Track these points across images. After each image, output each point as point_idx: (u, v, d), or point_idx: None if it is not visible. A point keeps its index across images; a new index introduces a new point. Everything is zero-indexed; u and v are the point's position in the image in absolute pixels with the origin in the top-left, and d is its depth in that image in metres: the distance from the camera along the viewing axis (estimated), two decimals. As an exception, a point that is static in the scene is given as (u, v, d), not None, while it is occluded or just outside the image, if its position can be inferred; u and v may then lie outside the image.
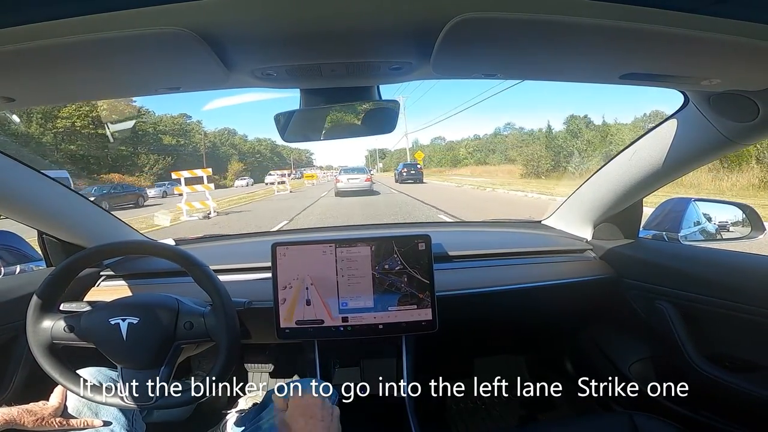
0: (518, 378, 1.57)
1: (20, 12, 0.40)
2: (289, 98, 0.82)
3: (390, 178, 28.27)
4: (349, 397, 1.08)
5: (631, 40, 0.50)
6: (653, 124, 0.97)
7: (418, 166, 22.88)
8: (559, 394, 1.05)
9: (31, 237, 1.22)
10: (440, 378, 1.14)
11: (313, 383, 0.96)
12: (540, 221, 1.56)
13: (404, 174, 20.70)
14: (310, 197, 13.25)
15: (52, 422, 0.76)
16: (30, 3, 0.40)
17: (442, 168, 41.51)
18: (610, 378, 1.25)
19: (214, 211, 8.77)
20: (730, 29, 0.46)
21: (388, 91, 0.79)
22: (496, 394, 1.66)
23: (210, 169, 9.35)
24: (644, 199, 1.18)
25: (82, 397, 0.78)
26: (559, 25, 0.46)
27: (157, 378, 0.76)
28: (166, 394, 0.77)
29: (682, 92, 0.82)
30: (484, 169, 31.14)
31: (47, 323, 0.78)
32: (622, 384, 1.19)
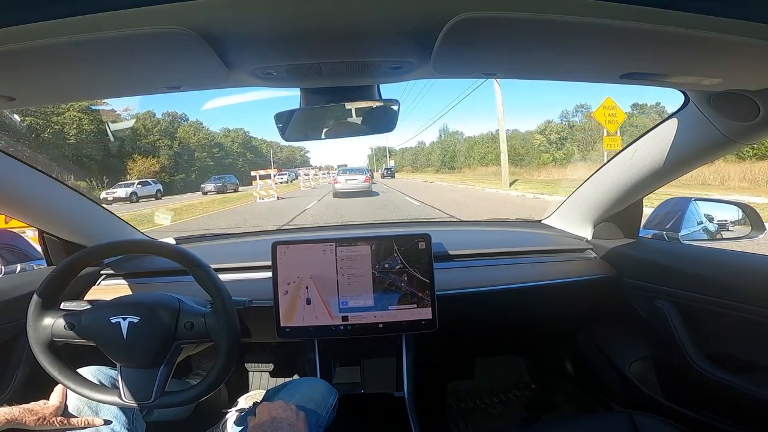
0: (518, 377, 1.56)
1: (21, 11, 0.40)
2: (290, 97, 0.80)
3: (404, 179, 28.81)
4: (349, 397, 1.09)
5: (632, 39, 0.50)
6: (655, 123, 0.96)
7: (392, 168, 36.02)
8: (559, 394, 1.05)
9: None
10: (440, 377, 1.14)
11: (314, 382, 0.96)
12: (540, 221, 1.56)
13: (385, 173, 33.68)
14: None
15: (53, 421, 0.76)
16: (30, 3, 0.40)
17: (515, 166, 24.38)
18: (610, 377, 1.25)
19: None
20: (731, 29, 0.46)
21: (388, 91, 0.78)
22: (495, 394, 1.66)
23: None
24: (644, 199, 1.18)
25: (82, 395, 0.78)
26: (559, 24, 0.46)
27: (157, 377, 0.77)
28: (166, 394, 0.77)
29: (682, 91, 0.82)
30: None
31: (48, 321, 0.78)
32: (622, 383, 1.20)
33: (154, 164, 28.57)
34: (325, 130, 0.83)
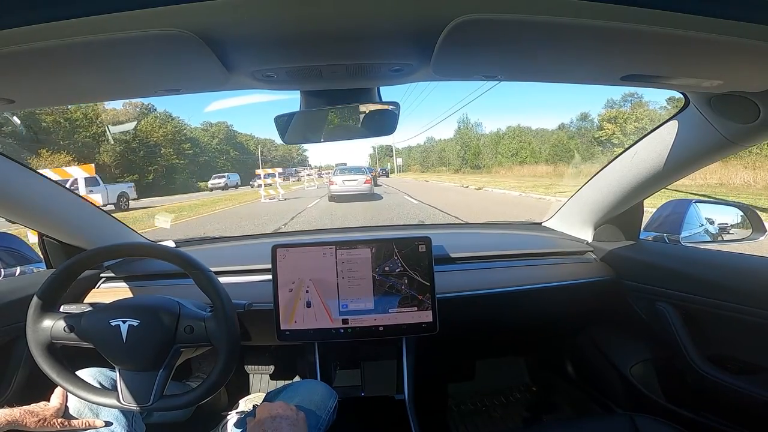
0: (519, 379, 1.56)
1: (20, 13, 0.40)
2: (290, 100, 0.80)
3: (413, 180, 25.63)
4: (350, 399, 1.08)
5: (632, 41, 0.50)
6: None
7: (387, 168, 40.46)
8: (560, 396, 1.05)
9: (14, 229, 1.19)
10: (441, 380, 1.14)
11: (314, 385, 0.96)
12: (540, 223, 1.56)
13: (380, 172, 36.00)
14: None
15: (53, 423, 0.76)
16: (29, 4, 0.40)
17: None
18: (611, 379, 1.24)
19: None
20: (731, 30, 0.46)
21: (388, 93, 0.77)
22: (496, 396, 1.66)
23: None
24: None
25: (80, 398, 0.78)
26: (559, 26, 0.46)
27: (156, 380, 0.76)
28: (165, 396, 0.77)
29: (682, 93, 0.82)
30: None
31: (47, 323, 0.78)
32: (623, 385, 1.19)
33: (71, 163, 20.17)
34: (324, 133, 0.83)
